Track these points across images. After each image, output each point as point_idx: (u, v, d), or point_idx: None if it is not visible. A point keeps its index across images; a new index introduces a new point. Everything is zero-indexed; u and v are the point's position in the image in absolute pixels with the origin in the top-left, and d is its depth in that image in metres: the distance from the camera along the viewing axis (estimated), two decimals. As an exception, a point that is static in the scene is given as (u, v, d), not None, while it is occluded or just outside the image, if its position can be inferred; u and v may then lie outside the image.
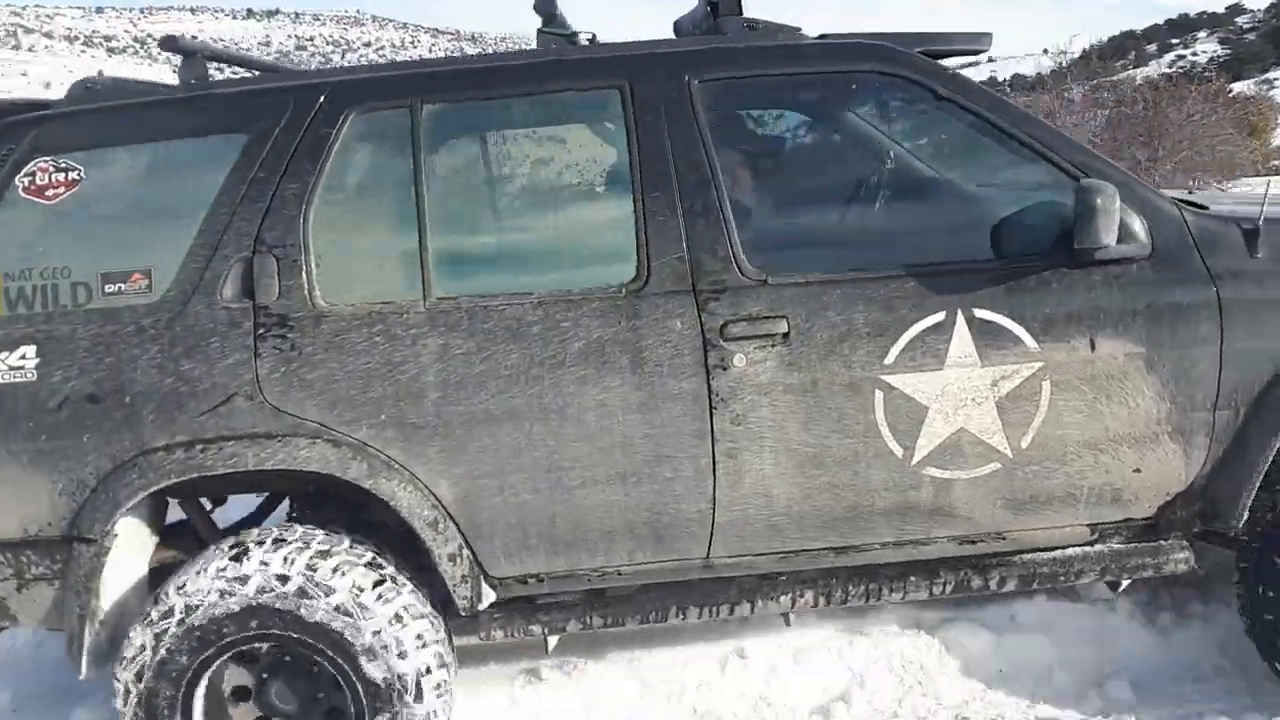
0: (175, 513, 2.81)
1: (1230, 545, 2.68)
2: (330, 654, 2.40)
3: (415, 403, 2.42)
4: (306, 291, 2.44)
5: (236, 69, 3.13)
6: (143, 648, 2.39)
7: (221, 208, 2.46)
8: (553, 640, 2.71)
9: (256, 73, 2.91)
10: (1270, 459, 2.49)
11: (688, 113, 2.49)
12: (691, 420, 2.45)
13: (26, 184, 2.50)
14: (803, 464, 2.49)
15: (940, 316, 2.43)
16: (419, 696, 2.42)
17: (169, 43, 2.67)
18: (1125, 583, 2.70)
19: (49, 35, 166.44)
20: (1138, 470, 2.54)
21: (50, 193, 2.50)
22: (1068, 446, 2.51)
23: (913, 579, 2.63)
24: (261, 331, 2.42)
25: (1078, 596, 3.04)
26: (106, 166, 2.55)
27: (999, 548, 2.65)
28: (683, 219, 2.45)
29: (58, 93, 2.81)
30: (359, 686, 2.41)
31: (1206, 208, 2.67)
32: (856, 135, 2.89)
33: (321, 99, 2.52)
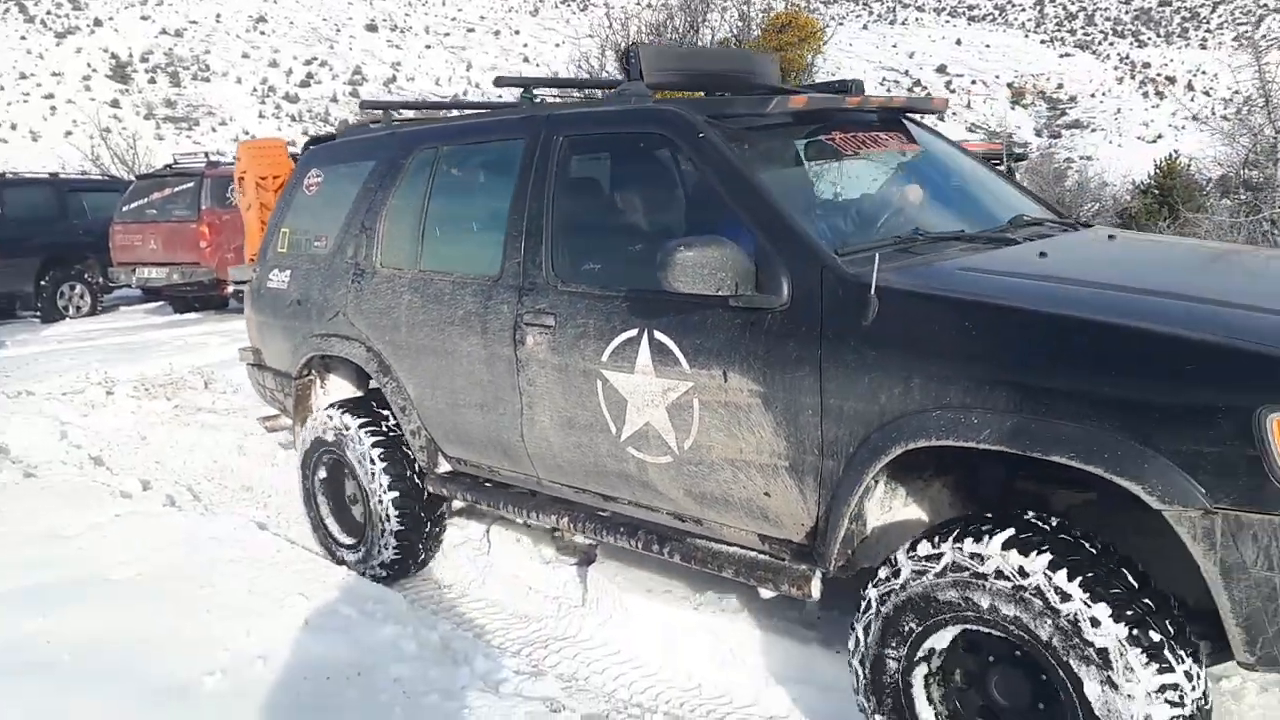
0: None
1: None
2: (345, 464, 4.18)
3: (395, 329, 3.96)
4: (374, 258, 4.12)
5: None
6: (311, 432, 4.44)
7: (355, 203, 4.26)
8: (456, 504, 4.07)
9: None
10: (851, 515, 2.63)
11: (546, 161, 3.49)
12: (508, 375, 3.54)
13: (305, 182, 4.63)
14: (563, 424, 3.39)
15: (634, 332, 3.10)
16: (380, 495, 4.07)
17: (500, 81, 4.23)
18: (765, 592, 2.98)
19: (920, 9, 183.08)
20: (767, 494, 2.86)
21: (311, 189, 4.60)
22: (714, 457, 2.95)
23: (622, 529, 3.33)
24: (353, 276, 4.19)
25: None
26: (331, 176, 4.54)
27: (695, 530, 3.18)
28: (524, 235, 3.50)
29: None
30: (366, 490, 4.15)
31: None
32: (645, 180, 3.42)
33: (403, 142, 4.13)
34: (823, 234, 2.92)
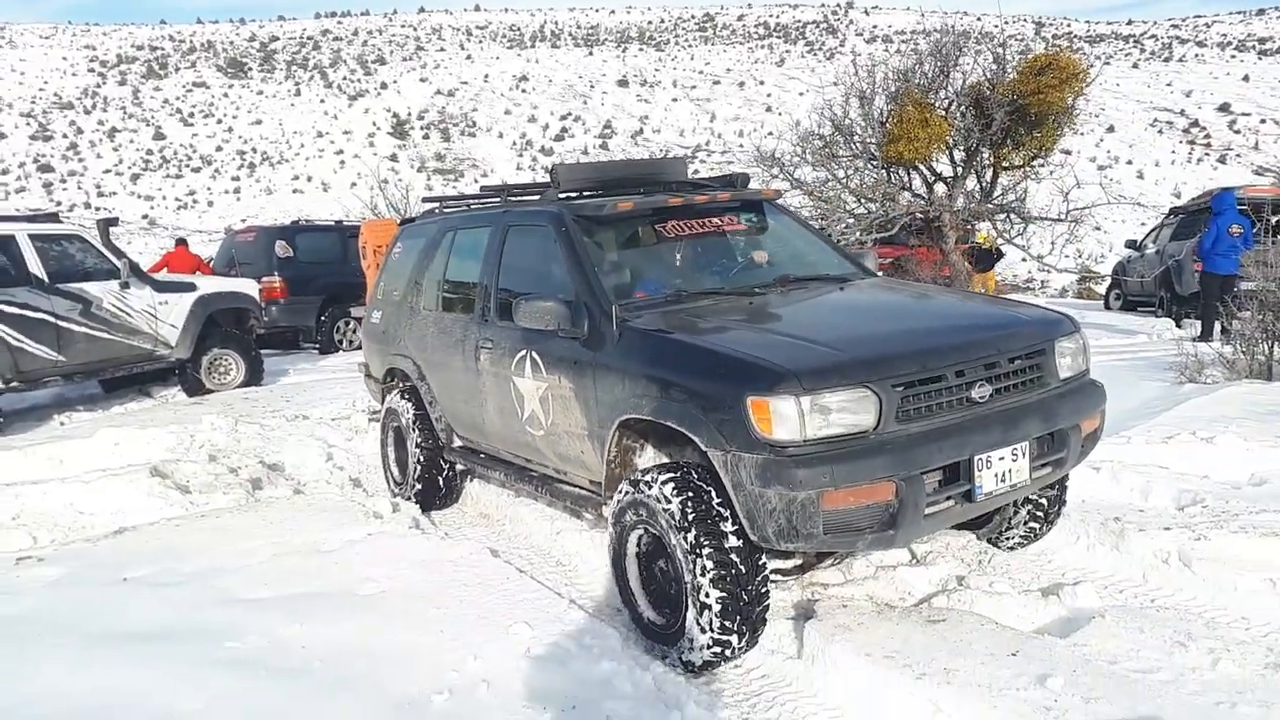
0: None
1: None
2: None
3: (426, 350, 6.01)
4: (419, 303, 6.20)
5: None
6: (394, 410, 6.60)
7: (413, 266, 6.36)
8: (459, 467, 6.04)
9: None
10: (609, 468, 4.33)
11: (498, 238, 5.43)
12: (476, 380, 5.46)
13: (394, 251, 6.80)
14: (498, 411, 5.27)
15: (523, 352, 4.93)
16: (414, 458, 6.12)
17: (483, 189, 6.46)
18: (586, 515, 4.69)
19: (1200, 44, 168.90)
20: (583, 453, 4.59)
21: (396, 255, 6.75)
22: (561, 430, 4.72)
23: (531, 480, 5.15)
24: (409, 315, 6.28)
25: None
26: (406, 247, 6.65)
27: (563, 479, 4.96)
28: (485, 287, 5.44)
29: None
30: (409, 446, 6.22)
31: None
32: (539, 253, 5.12)
33: (439, 225, 6.20)
34: (623, 291, 4.65)
